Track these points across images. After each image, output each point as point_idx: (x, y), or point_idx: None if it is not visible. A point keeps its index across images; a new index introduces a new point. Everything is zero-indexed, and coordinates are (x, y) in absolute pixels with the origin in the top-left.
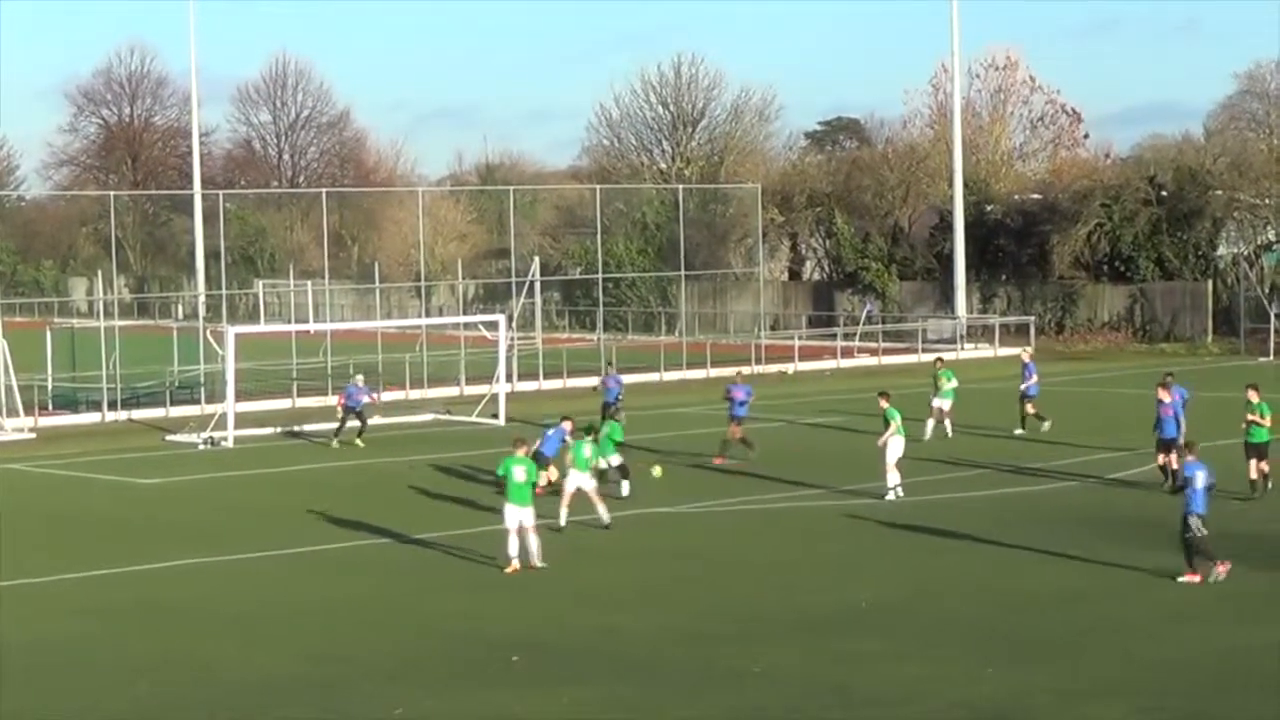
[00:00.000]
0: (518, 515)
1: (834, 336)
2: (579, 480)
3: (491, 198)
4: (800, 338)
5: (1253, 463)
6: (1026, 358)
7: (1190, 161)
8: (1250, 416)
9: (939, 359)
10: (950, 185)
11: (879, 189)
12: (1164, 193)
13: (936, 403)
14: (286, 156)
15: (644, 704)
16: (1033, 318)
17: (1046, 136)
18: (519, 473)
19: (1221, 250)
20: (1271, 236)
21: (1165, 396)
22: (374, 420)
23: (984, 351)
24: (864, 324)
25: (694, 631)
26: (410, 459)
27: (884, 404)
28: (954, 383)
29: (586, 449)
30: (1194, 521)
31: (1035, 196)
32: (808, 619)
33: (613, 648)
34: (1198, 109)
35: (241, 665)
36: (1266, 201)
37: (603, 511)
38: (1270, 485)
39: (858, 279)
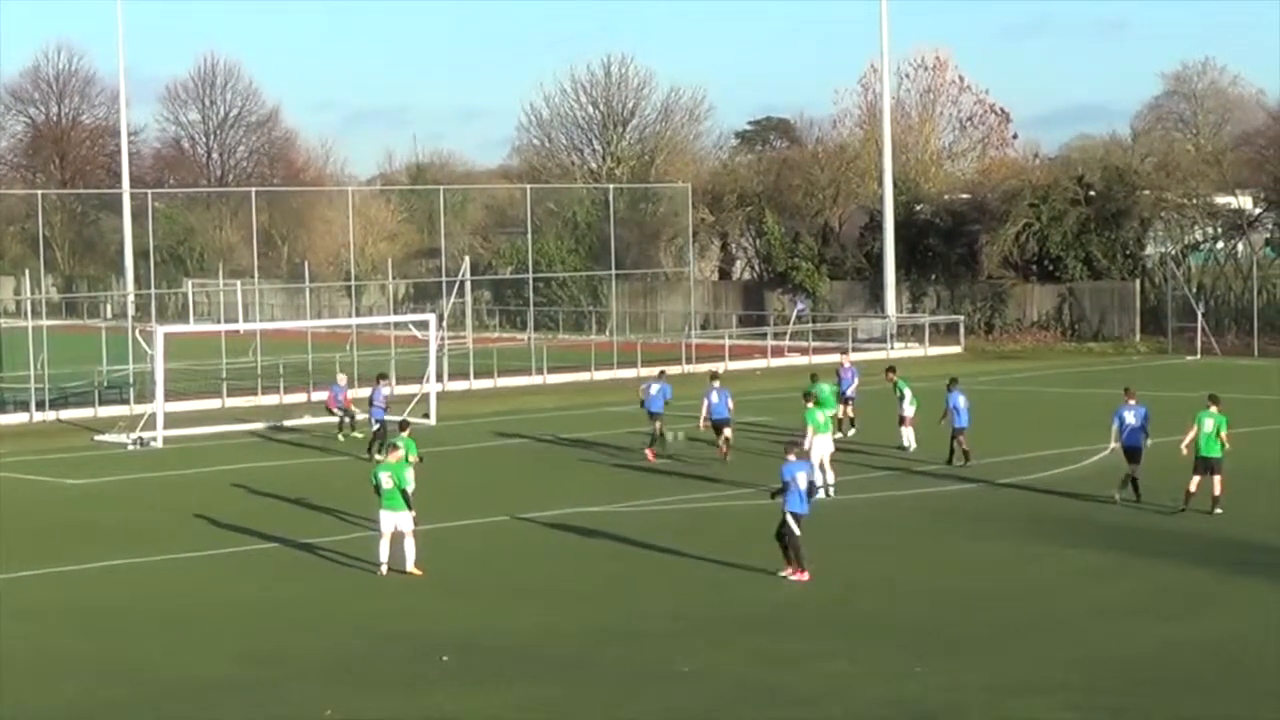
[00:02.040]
0: (392, 520)
1: (765, 336)
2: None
3: (422, 197)
4: (731, 337)
5: (1196, 478)
6: (846, 362)
7: (1118, 162)
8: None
9: (890, 370)
10: (880, 185)
11: (809, 188)
12: (1092, 193)
13: (907, 411)
14: (215, 155)
15: (576, 704)
16: (962, 317)
17: (975, 136)
18: (386, 479)
19: (1149, 250)
20: (1198, 236)
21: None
22: (304, 420)
23: (914, 351)
24: (794, 323)
25: (626, 631)
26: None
27: (892, 377)
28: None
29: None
30: (791, 521)
31: (964, 196)
32: (739, 619)
33: (545, 647)
34: (1125, 110)
35: (172, 666)
36: (1193, 201)
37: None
38: (1219, 509)
39: (788, 278)
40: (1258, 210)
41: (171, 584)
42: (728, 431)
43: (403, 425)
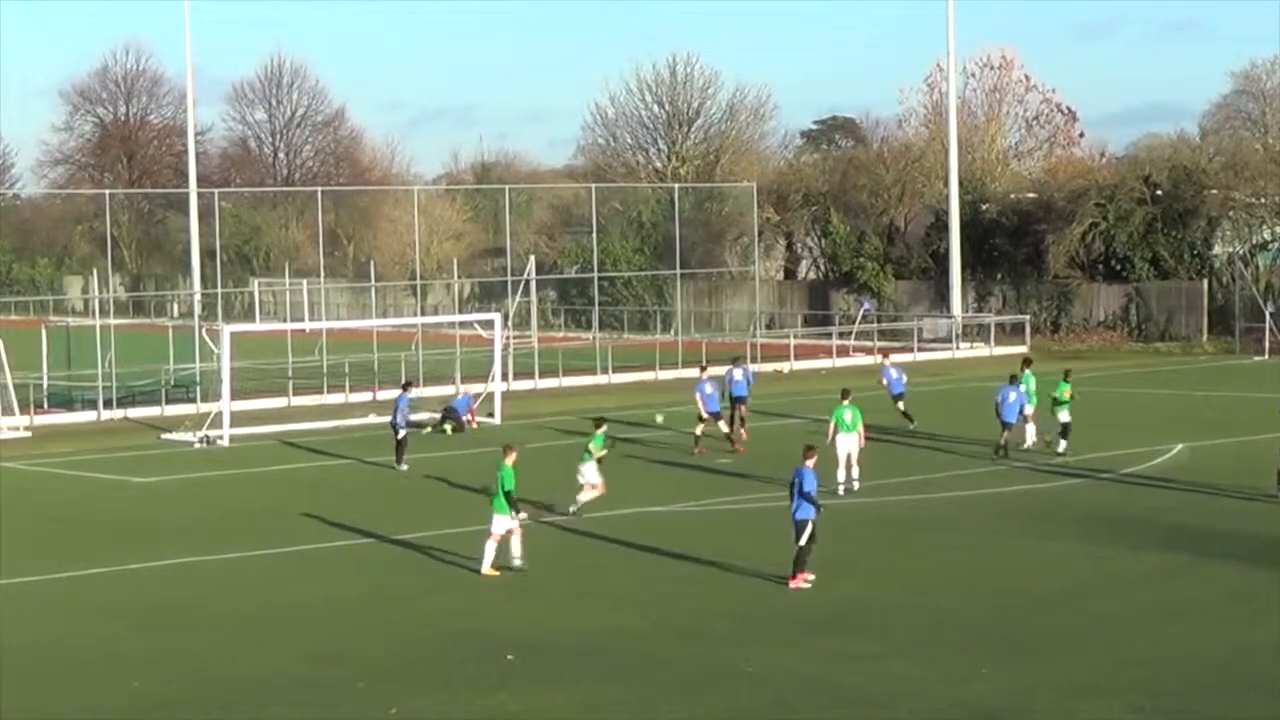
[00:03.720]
0: (500, 523)
1: (830, 336)
2: None
3: (487, 197)
4: (796, 337)
5: None
6: (888, 364)
7: (1185, 161)
8: None
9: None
10: (946, 184)
11: (874, 188)
12: (1159, 192)
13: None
14: (282, 155)
15: (639, 704)
16: (1028, 317)
17: (1042, 136)
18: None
19: (1217, 249)
20: (1267, 236)
21: None
22: (369, 419)
23: (980, 350)
24: (860, 323)
25: (689, 631)
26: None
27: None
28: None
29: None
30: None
31: (1030, 196)
32: (802, 618)
33: (608, 647)
34: (1193, 108)
35: (237, 664)
36: (1261, 201)
37: None
38: None
39: (853, 278)
40: None
41: (237, 582)
42: (743, 409)
43: (598, 422)
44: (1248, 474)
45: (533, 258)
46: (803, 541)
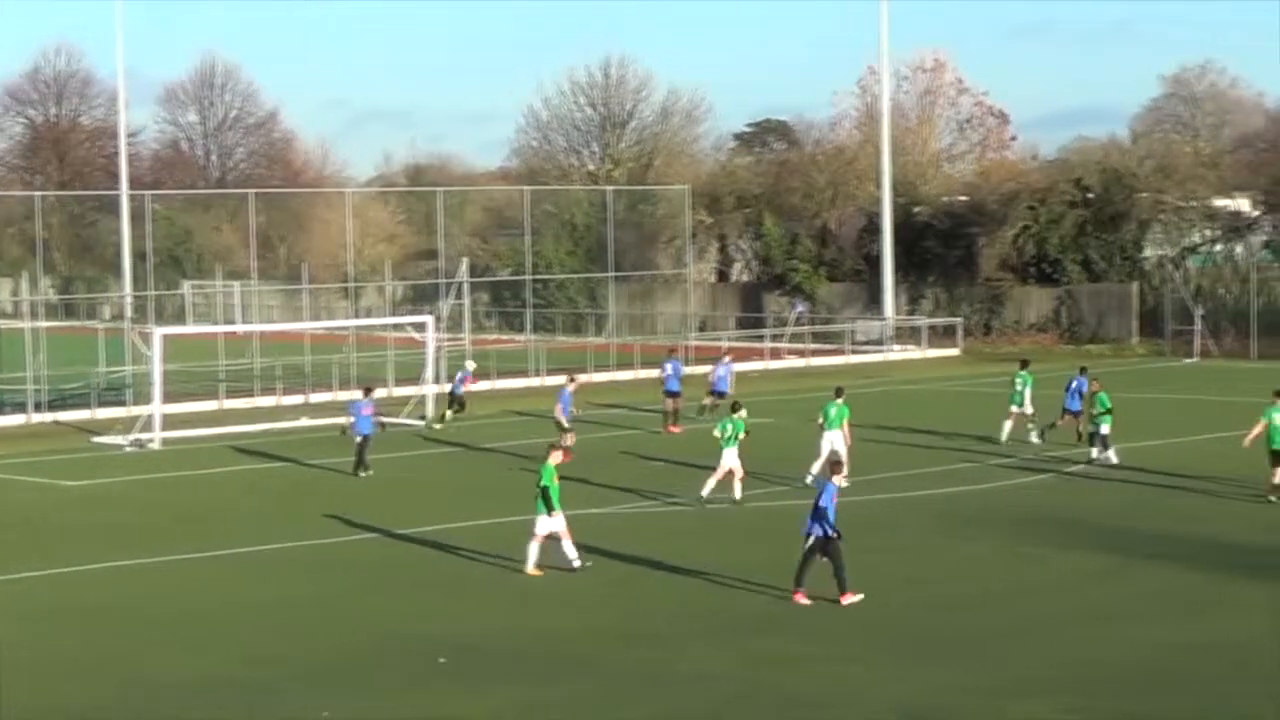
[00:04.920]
0: (544, 523)
1: (762, 338)
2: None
3: (420, 199)
4: (729, 339)
5: (1278, 469)
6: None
7: (1116, 164)
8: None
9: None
10: (878, 187)
11: (807, 190)
12: (1090, 195)
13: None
14: (214, 157)
15: (577, 706)
16: (960, 319)
17: (974, 138)
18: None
19: (1147, 252)
20: (1196, 239)
21: None
22: (301, 422)
23: (911, 353)
24: (792, 325)
25: (625, 633)
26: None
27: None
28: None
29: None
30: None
31: (962, 198)
32: (741, 620)
33: (546, 648)
34: (1124, 112)
35: (171, 667)
36: (1192, 204)
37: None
38: (1274, 498)
39: (786, 280)
40: (1256, 213)
41: (169, 585)
42: (675, 403)
43: (734, 406)
44: (1180, 475)
45: (466, 260)
46: (828, 559)
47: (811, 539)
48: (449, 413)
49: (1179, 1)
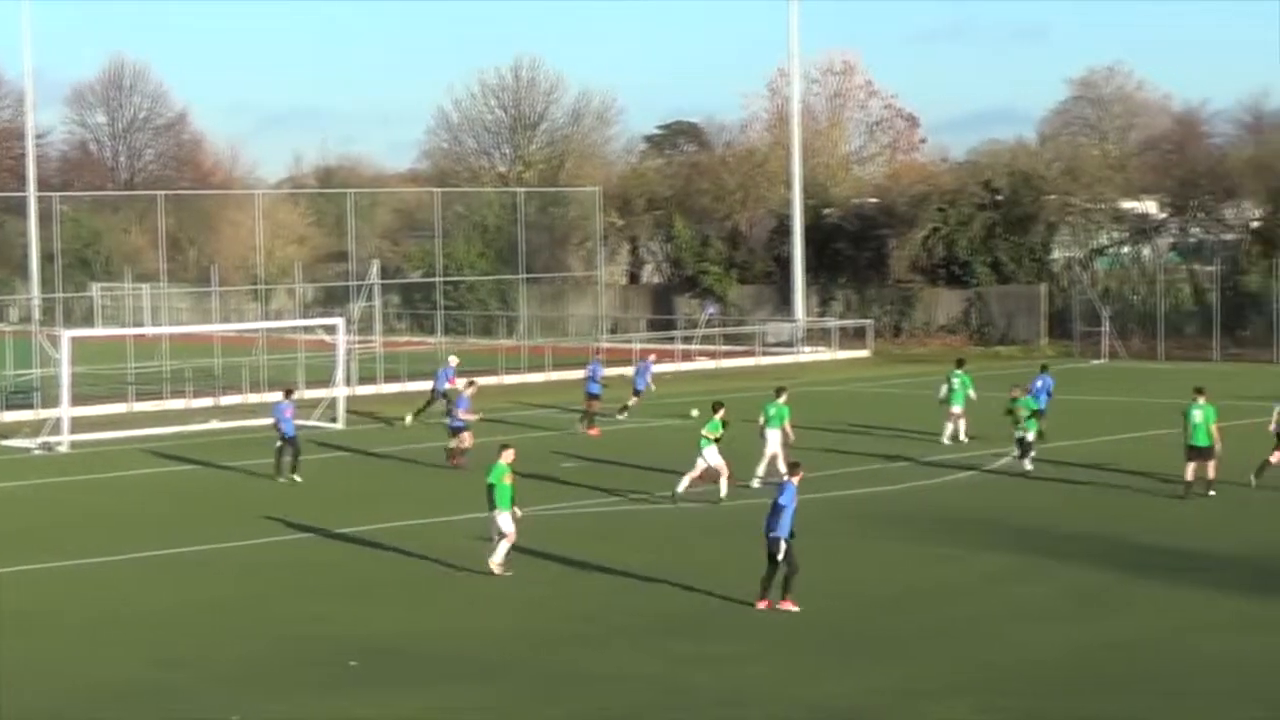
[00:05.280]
0: (508, 520)
1: (674, 340)
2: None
3: (330, 201)
4: (640, 341)
5: (1191, 465)
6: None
7: (1025, 166)
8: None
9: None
10: (789, 189)
11: (718, 193)
12: (999, 197)
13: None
14: (123, 159)
15: (490, 708)
16: (870, 321)
17: (884, 141)
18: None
19: (1056, 254)
20: (1104, 241)
21: None
22: (211, 425)
23: (822, 354)
24: (703, 327)
25: (543, 634)
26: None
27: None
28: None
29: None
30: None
31: (872, 201)
32: (658, 621)
33: (460, 651)
34: (1033, 114)
35: (80, 671)
36: (1099, 206)
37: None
38: (1212, 491)
39: (697, 282)
40: (1163, 215)
41: (79, 589)
42: (595, 405)
43: (715, 406)
44: (1093, 475)
45: (376, 262)
46: (780, 558)
47: (781, 542)
48: (413, 412)
49: (1087, 4)
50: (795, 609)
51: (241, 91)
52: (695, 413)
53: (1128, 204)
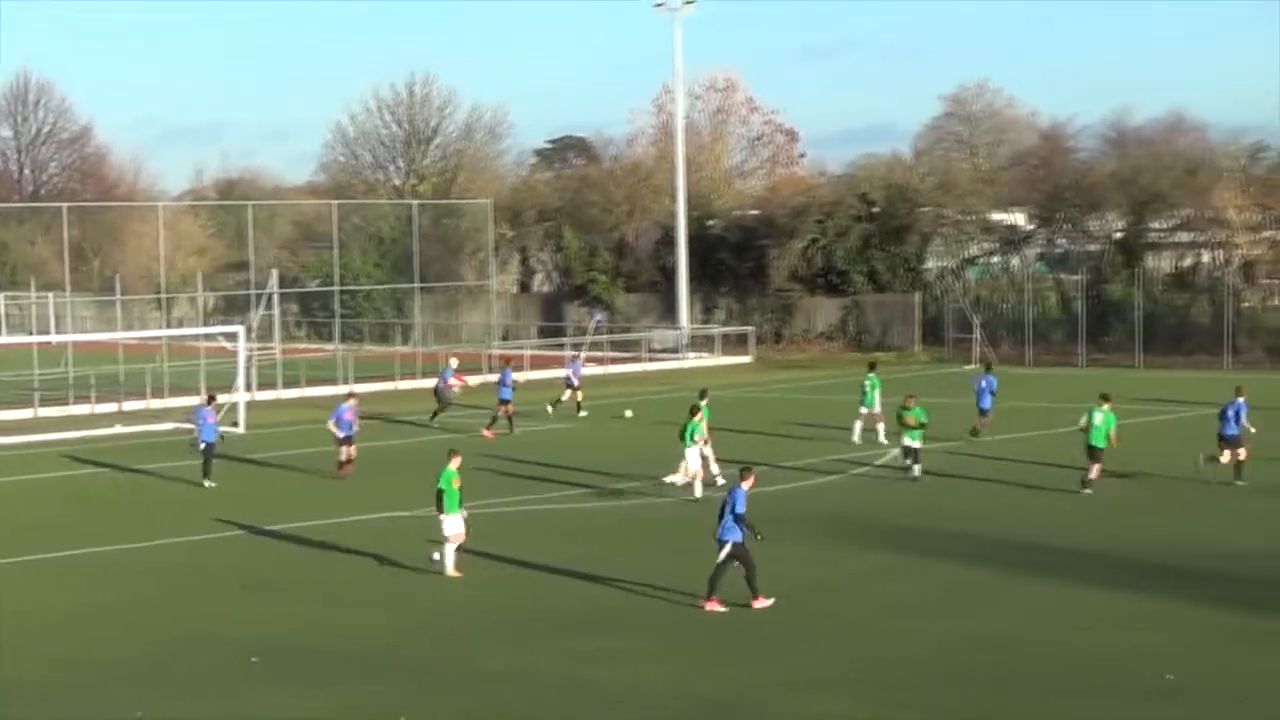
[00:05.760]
0: (456, 523)
1: (563, 346)
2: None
3: (231, 213)
4: (531, 347)
5: (1096, 466)
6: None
7: (900, 180)
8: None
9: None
10: (674, 201)
11: (606, 205)
12: (875, 209)
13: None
14: (28, 171)
15: (388, 704)
16: (752, 328)
17: (764, 155)
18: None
19: (929, 264)
20: (975, 251)
21: None
22: (116, 430)
23: (705, 360)
24: (592, 334)
25: (440, 631)
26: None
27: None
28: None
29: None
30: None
31: (754, 212)
32: (553, 618)
33: (359, 648)
34: (907, 130)
35: None
36: (970, 218)
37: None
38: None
39: (585, 291)
40: (1030, 227)
41: None
42: (508, 409)
43: (693, 410)
44: (967, 475)
45: (275, 272)
46: (720, 559)
47: (729, 546)
48: (436, 411)
49: (957, 25)
50: (769, 602)
51: (145, 106)
52: (629, 414)
53: (997, 216)
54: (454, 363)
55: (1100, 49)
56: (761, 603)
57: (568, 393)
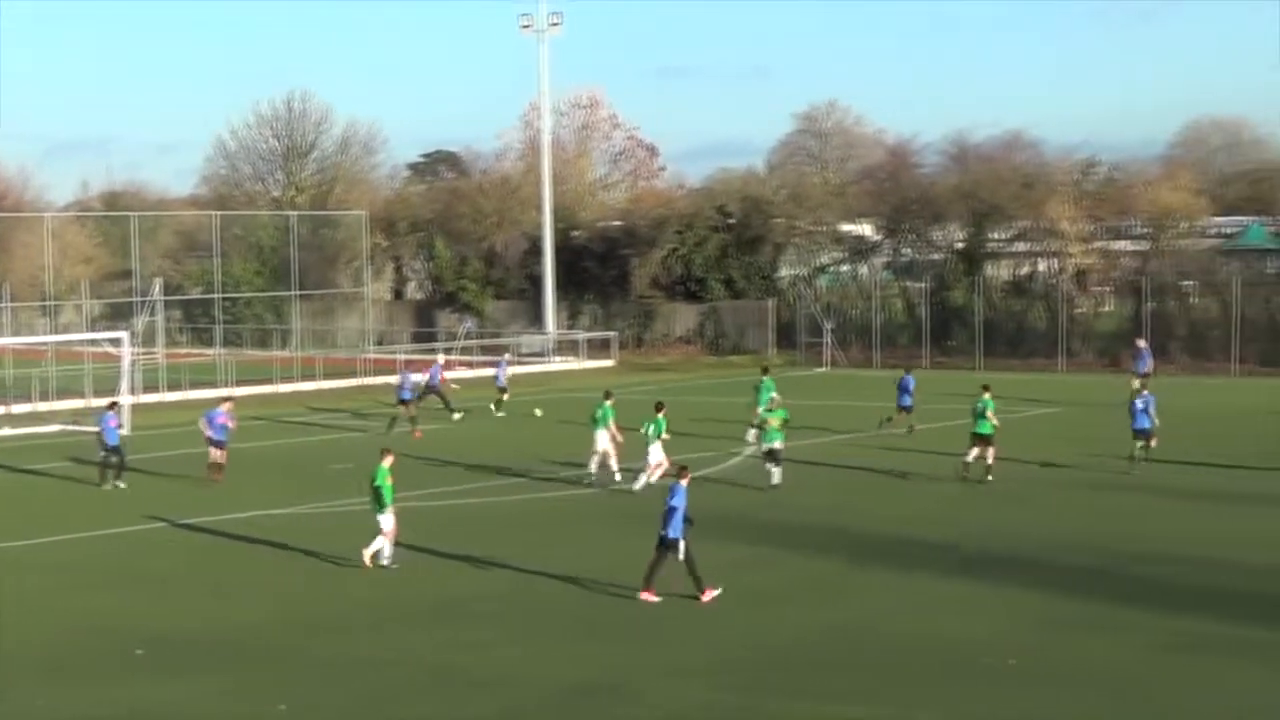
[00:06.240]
0: (389, 520)
1: (435, 351)
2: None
3: (116, 223)
4: (404, 352)
5: (975, 449)
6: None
7: (755, 193)
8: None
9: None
10: (540, 213)
11: (476, 216)
12: (732, 221)
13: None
14: None
15: (267, 692)
16: (615, 333)
17: (626, 169)
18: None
19: (783, 272)
20: (826, 260)
21: None
22: (3, 432)
23: (571, 364)
24: (462, 340)
25: (321, 623)
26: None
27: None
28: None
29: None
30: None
31: (617, 223)
32: (430, 608)
33: (239, 639)
34: (762, 145)
35: None
36: (821, 229)
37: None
38: (989, 475)
39: (456, 298)
40: (878, 237)
41: None
42: (411, 409)
43: (658, 406)
44: (824, 465)
45: (159, 280)
46: (680, 558)
47: (680, 542)
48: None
49: (808, 46)
50: (716, 592)
51: (31, 121)
52: (539, 412)
53: (847, 227)
54: (441, 359)
55: (943, 72)
56: (710, 594)
57: (401, 408)
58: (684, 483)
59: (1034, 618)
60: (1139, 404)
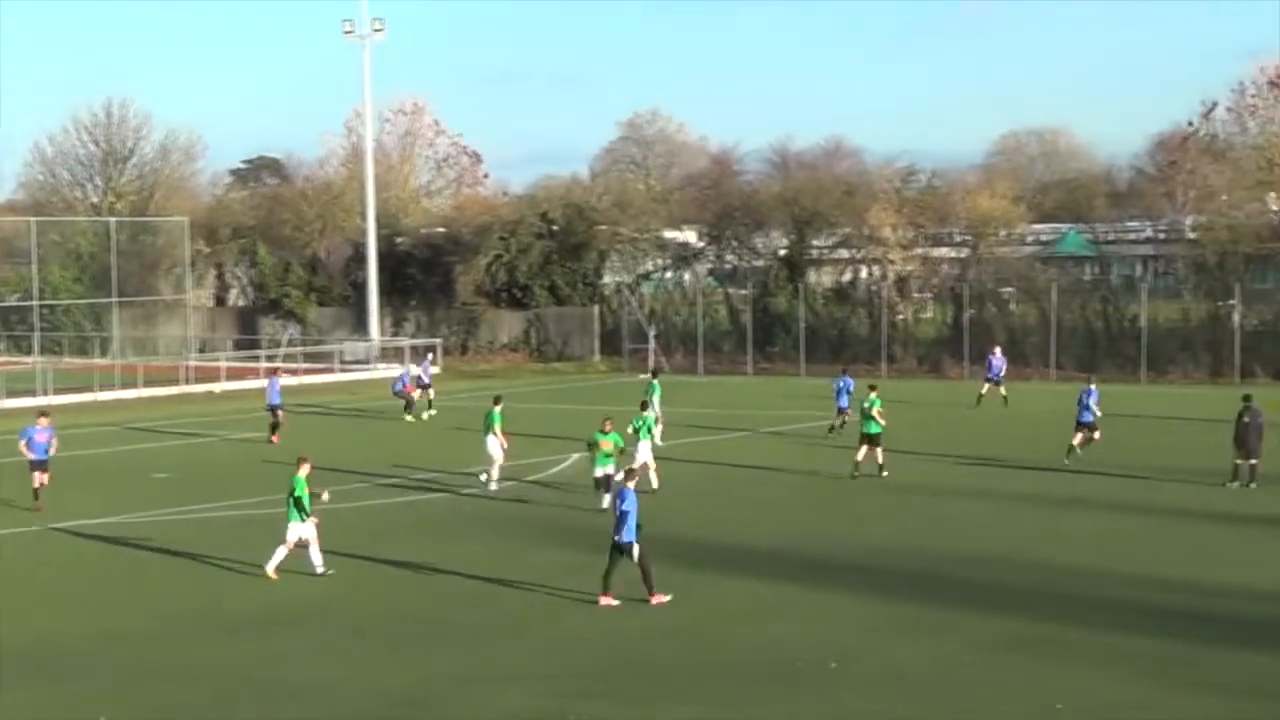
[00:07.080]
0: (294, 530)
1: (258, 359)
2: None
3: None
4: (226, 360)
5: (864, 449)
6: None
7: (578, 200)
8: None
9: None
10: (364, 219)
11: (298, 222)
12: (556, 227)
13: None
14: None
15: (81, 704)
16: (439, 340)
17: (450, 176)
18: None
19: (607, 279)
20: (650, 267)
21: None
22: None
23: (396, 370)
24: (286, 346)
25: (128, 632)
26: None
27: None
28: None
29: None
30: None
31: (441, 230)
32: (233, 618)
33: (59, 651)
34: (586, 153)
35: None
36: (645, 235)
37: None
38: (885, 472)
39: (280, 305)
40: (701, 244)
41: None
42: (280, 415)
43: (643, 405)
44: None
45: None
46: (637, 559)
47: (635, 546)
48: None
49: (628, 55)
50: (667, 599)
51: None
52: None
53: (670, 234)
54: (430, 356)
55: (765, 80)
56: (659, 599)
57: (418, 393)
58: (631, 486)
59: (860, 621)
60: (1083, 398)
